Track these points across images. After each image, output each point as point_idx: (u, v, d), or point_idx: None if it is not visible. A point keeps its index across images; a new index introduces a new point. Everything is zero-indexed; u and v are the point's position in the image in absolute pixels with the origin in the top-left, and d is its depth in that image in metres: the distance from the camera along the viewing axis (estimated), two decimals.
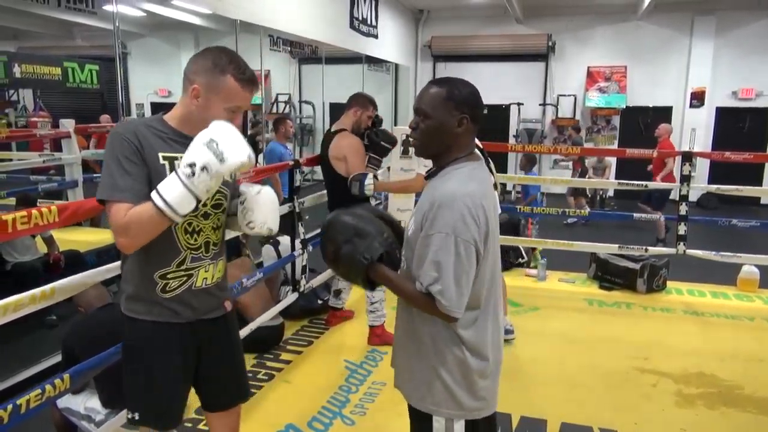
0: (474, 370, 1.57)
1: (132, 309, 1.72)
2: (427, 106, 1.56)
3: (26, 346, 3.59)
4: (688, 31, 10.16)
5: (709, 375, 3.56)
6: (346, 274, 1.65)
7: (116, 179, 1.54)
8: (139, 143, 1.59)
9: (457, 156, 1.58)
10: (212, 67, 1.60)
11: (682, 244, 4.95)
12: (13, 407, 1.68)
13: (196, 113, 1.63)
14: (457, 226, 1.45)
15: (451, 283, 1.45)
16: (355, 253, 1.55)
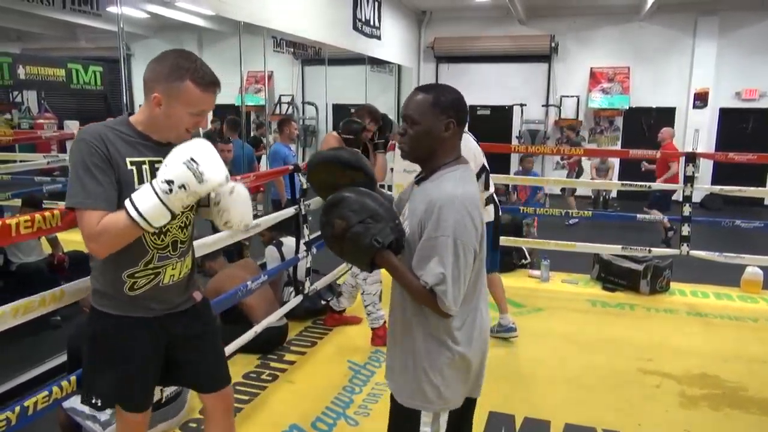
0: (462, 365, 1.63)
1: (101, 303, 1.75)
2: (415, 112, 1.60)
3: (30, 346, 3.61)
4: (691, 32, 10.15)
5: (712, 376, 3.56)
6: (350, 254, 1.63)
7: (86, 186, 1.55)
8: (107, 148, 1.59)
9: (447, 160, 1.63)
10: (169, 73, 1.59)
11: (686, 245, 4.95)
12: (20, 409, 1.69)
13: (160, 120, 1.64)
14: (458, 228, 1.51)
15: (452, 283, 1.51)
16: (367, 235, 1.54)
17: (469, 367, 1.65)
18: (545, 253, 5.61)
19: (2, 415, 1.65)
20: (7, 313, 1.68)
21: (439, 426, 1.65)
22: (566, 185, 8.65)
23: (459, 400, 1.68)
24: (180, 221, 1.76)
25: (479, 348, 1.68)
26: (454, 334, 1.61)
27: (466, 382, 1.67)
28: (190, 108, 1.62)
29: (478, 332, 1.67)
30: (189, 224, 1.82)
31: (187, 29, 9.48)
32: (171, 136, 1.67)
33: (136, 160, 1.64)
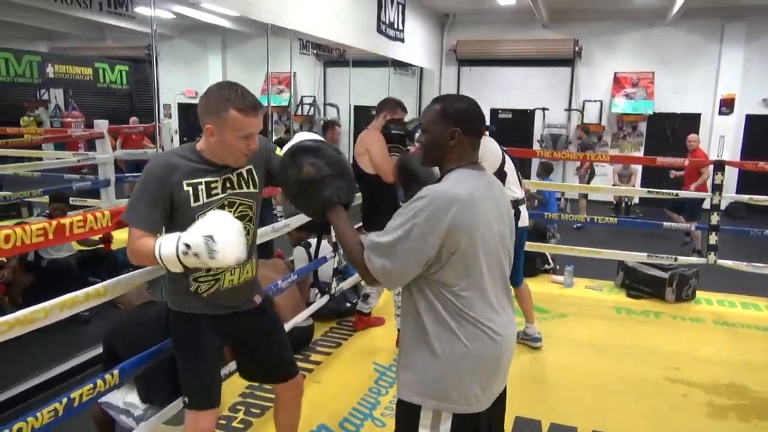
0: (465, 366, 1.60)
1: (174, 302, 2.01)
2: (426, 122, 1.70)
3: (60, 341, 3.68)
4: (717, 38, 10.03)
5: (740, 386, 3.52)
6: (305, 199, 1.78)
7: (137, 208, 1.81)
8: (166, 176, 1.82)
9: (454, 165, 1.67)
10: (216, 106, 1.79)
11: (713, 254, 4.90)
12: (67, 400, 1.74)
13: (216, 147, 1.84)
14: (422, 214, 1.53)
15: (385, 253, 1.56)
16: (331, 188, 1.70)
17: (477, 369, 1.61)
18: (569, 259, 5.58)
19: (50, 406, 1.70)
20: (55, 308, 1.73)
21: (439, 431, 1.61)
22: (590, 191, 8.58)
23: (463, 403, 1.62)
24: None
25: (492, 352, 1.63)
26: (460, 335, 1.58)
27: (468, 383, 1.61)
28: (238, 133, 1.79)
29: (491, 336, 1.62)
30: (248, 234, 1.96)
31: (211, 30, 9.60)
32: (229, 160, 1.88)
33: (192, 182, 1.85)
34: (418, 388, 1.63)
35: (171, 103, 10.18)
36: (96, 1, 3.89)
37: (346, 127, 10.79)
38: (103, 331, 2.65)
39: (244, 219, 1.93)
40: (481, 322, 1.61)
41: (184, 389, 2.01)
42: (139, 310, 2.67)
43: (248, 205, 1.98)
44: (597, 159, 7.24)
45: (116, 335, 2.58)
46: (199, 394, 2.00)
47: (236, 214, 1.92)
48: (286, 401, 2.29)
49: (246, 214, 1.98)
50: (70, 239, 1.75)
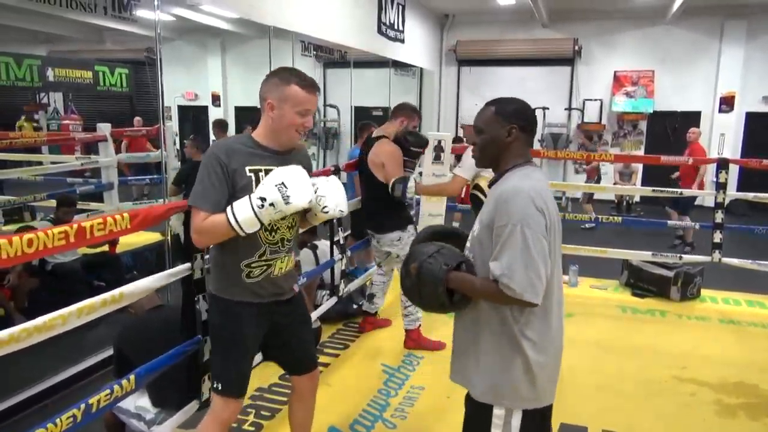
0: (535, 363, 1.65)
1: (219, 289, 2.07)
2: (481, 123, 1.76)
3: (66, 345, 3.65)
4: (717, 36, 10.04)
5: (749, 385, 3.53)
6: (428, 291, 1.70)
7: (202, 191, 1.89)
8: (228, 159, 1.90)
9: (515, 163, 1.72)
10: (279, 82, 1.92)
11: (718, 252, 4.91)
12: (85, 406, 1.74)
13: (274, 125, 1.94)
14: (523, 216, 1.56)
15: (520, 269, 1.54)
16: (436, 263, 1.68)
17: (544, 366, 1.68)
18: (573, 258, 5.58)
19: (69, 412, 1.70)
20: (73, 314, 1.73)
21: (511, 428, 1.68)
22: (595, 190, 8.57)
23: (533, 399, 1.69)
24: (288, 222, 2.06)
25: (556, 349, 1.72)
26: (528, 334, 1.64)
27: (538, 381, 1.68)
28: (297, 107, 1.91)
29: (555, 332, 1.70)
30: (295, 225, 2.12)
31: (210, 32, 9.60)
32: (284, 138, 1.97)
33: (254, 168, 1.94)
34: (491, 388, 1.69)
35: (171, 105, 10.18)
36: (100, 5, 3.89)
37: (347, 127, 10.82)
38: (111, 335, 2.65)
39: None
40: (553, 319, 1.69)
41: (217, 375, 2.08)
42: (149, 314, 2.67)
43: None
44: (601, 158, 7.23)
45: (127, 339, 2.58)
46: (233, 381, 2.06)
47: None
48: (304, 393, 2.35)
49: None
50: (91, 242, 1.75)
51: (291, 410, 2.42)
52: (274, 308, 2.13)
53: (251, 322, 2.07)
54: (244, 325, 2.06)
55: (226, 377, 2.07)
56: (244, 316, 2.05)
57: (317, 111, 11.27)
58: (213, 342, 2.12)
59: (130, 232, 1.86)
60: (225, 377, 2.07)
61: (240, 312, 2.04)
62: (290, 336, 2.23)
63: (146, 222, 1.98)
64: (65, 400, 3.23)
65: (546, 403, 1.74)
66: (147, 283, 2.08)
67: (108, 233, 1.78)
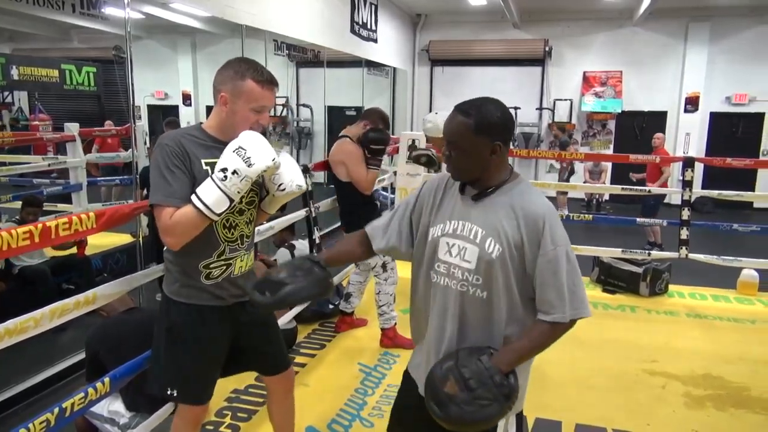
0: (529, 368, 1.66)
1: (177, 293, 1.93)
2: (458, 137, 1.51)
3: (36, 349, 3.58)
4: (682, 38, 10.30)
5: (716, 377, 3.63)
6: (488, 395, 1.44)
7: (163, 186, 1.74)
8: (184, 151, 1.78)
9: (504, 177, 1.57)
10: (233, 75, 1.80)
11: (684, 249, 5.03)
12: (59, 410, 1.70)
13: (227, 118, 1.83)
14: (566, 236, 1.53)
15: (572, 292, 1.50)
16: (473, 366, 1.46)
17: (528, 366, 1.67)
18: None
19: (42, 417, 1.66)
20: (45, 316, 1.69)
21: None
22: (566, 189, 8.70)
23: (522, 399, 1.66)
24: (246, 217, 1.96)
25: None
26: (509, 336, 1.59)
27: (526, 383, 1.68)
28: (252, 103, 1.80)
29: None
30: (253, 220, 2.03)
31: (181, 31, 9.45)
32: (237, 133, 1.79)
33: (210, 161, 1.80)
34: None
35: (140, 105, 10.00)
36: (68, 2, 3.81)
37: (320, 127, 10.78)
38: (81, 339, 2.59)
39: (251, 205, 1.98)
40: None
41: (171, 381, 1.96)
42: (123, 316, 2.62)
43: (255, 191, 1.99)
44: (571, 157, 7.35)
45: (100, 342, 2.53)
46: (193, 388, 1.98)
47: (246, 199, 1.93)
48: (279, 394, 2.30)
49: (253, 200, 1.99)
50: (56, 242, 1.70)
51: (271, 413, 2.37)
52: (238, 311, 2.02)
53: (215, 327, 1.97)
54: (207, 328, 1.95)
55: (184, 384, 1.96)
56: (207, 320, 1.95)
57: (290, 111, 11.25)
58: (168, 347, 1.96)
59: (96, 232, 1.81)
60: (181, 384, 1.96)
61: (203, 316, 1.94)
62: (257, 338, 2.14)
63: (112, 221, 1.93)
64: (37, 405, 3.16)
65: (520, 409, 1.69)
66: (120, 285, 2.05)
67: (74, 233, 1.73)
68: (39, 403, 3.18)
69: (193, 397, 2.00)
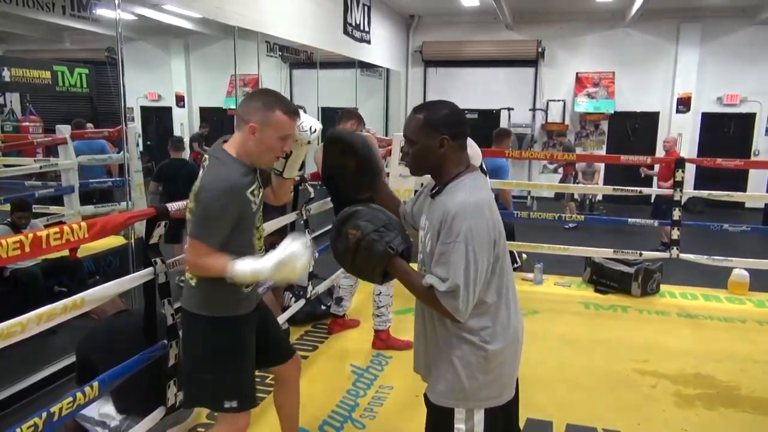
0: (493, 363, 1.67)
1: (216, 309, 2.00)
2: (411, 133, 1.69)
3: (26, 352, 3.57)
4: (674, 39, 10.36)
5: (706, 376, 3.65)
6: (363, 264, 1.70)
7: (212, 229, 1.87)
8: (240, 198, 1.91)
9: (455, 171, 1.68)
10: (262, 106, 1.91)
11: (676, 249, 5.06)
12: (47, 415, 1.70)
13: (254, 147, 1.92)
14: (469, 234, 1.55)
15: (463, 288, 1.55)
16: (381, 242, 1.65)
17: (502, 364, 1.69)
18: (538, 256, 5.69)
19: (30, 421, 1.66)
20: (32, 321, 1.69)
21: (473, 424, 1.68)
22: (559, 190, 8.74)
23: (494, 398, 1.70)
24: (259, 233, 2.10)
25: (511, 346, 1.72)
26: (482, 334, 1.65)
27: (498, 380, 1.69)
28: (280, 132, 1.92)
29: (510, 330, 1.70)
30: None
31: (173, 32, 9.43)
32: (264, 161, 1.98)
33: (251, 190, 1.96)
34: (450, 392, 1.68)
35: (133, 107, 9.97)
36: (59, 4, 3.80)
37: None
38: (72, 342, 2.59)
39: (261, 218, 2.12)
40: (510, 318, 1.70)
41: (231, 393, 2.02)
42: (114, 319, 2.62)
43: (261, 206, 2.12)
44: (564, 158, 7.37)
45: (92, 345, 2.53)
46: (249, 395, 2.08)
47: (259, 212, 2.07)
48: (289, 380, 2.39)
49: (260, 214, 2.11)
50: (47, 252, 1.70)
51: (278, 402, 2.44)
52: (253, 314, 2.16)
53: (252, 334, 2.11)
54: (248, 338, 2.08)
55: (242, 393, 2.06)
56: (247, 330, 2.08)
57: None
58: (218, 362, 2.01)
59: (88, 242, 1.82)
60: (241, 393, 2.05)
61: (243, 326, 2.06)
62: (266, 333, 2.26)
63: (104, 231, 1.93)
64: (26, 409, 3.15)
65: (506, 400, 1.73)
66: (110, 288, 2.04)
67: (65, 242, 1.73)
68: (30, 406, 3.17)
69: (251, 403, 2.10)
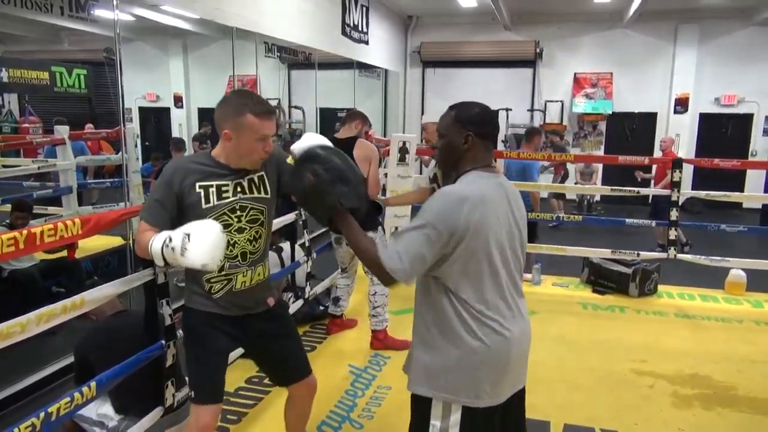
0: (475, 361, 1.65)
1: (192, 301, 2.08)
2: (442, 127, 1.78)
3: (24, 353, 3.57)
4: (672, 39, 10.38)
5: (703, 376, 3.66)
6: (311, 206, 1.80)
7: (150, 206, 1.94)
8: (180, 179, 1.94)
9: (469, 168, 1.73)
10: (232, 112, 1.92)
11: (673, 249, 5.07)
12: (45, 415, 1.70)
13: (233, 151, 1.96)
14: (437, 215, 1.60)
15: (402, 250, 1.59)
16: (332, 194, 1.70)
17: (482, 364, 1.65)
18: (536, 256, 5.69)
19: (28, 421, 1.66)
20: (32, 321, 1.69)
21: (449, 424, 1.66)
22: (559, 191, 8.75)
23: (472, 398, 1.65)
24: (247, 235, 2.04)
25: (496, 351, 1.66)
26: (463, 329, 1.64)
27: (475, 379, 1.65)
28: (255, 135, 1.92)
29: (496, 336, 1.66)
30: (260, 238, 2.09)
31: (171, 33, 9.43)
32: (246, 162, 1.98)
33: (204, 185, 1.96)
34: (428, 381, 1.69)
35: (132, 107, 9.96)
36: (57, 5, 3.80)
37: (312, 128, 10.77)
38: (70, 343, 2.59)
39: (255, 223, 2.05)
40: (491, 318, 1.66)
41: (190, 383, 2.12)
42: (112, 320, 2.62)
43: (259, 209, 2.07)
44: (562, 159, 7.38)
45: (90, 346, 2.53)
46: (202, 389, 2.08)
47: (247, 217, 2.03)
48: (298, 401, 2.38)
49: (257, 218, 2.07)
50: (41, 248, 1.70)
51: (286, 415, 2.45)
52: (249, 322, 2.14)
53: (219, 334, 2.08)
54: (210, 336, 2.07)
55: (199, 385, 2.08)
56: (213, 328, 2.07)
57: (282, 113, 11.24)
58: (186, 352, 2.13)
59: (82, 238, 1.83)
60: (197, 385, 2.09)
61: (209, 323, 2.06)
62: (277, 350, 2.23)
63: (98, 227, 1.94)
64: (24, 409, 3.15)
65: (488, 404, 1.68)
66: (109, 289, 2.05)
67: (59, 239, 1.75)
68: (28, 407, 3.16)
69: (207, 399, 2.09)
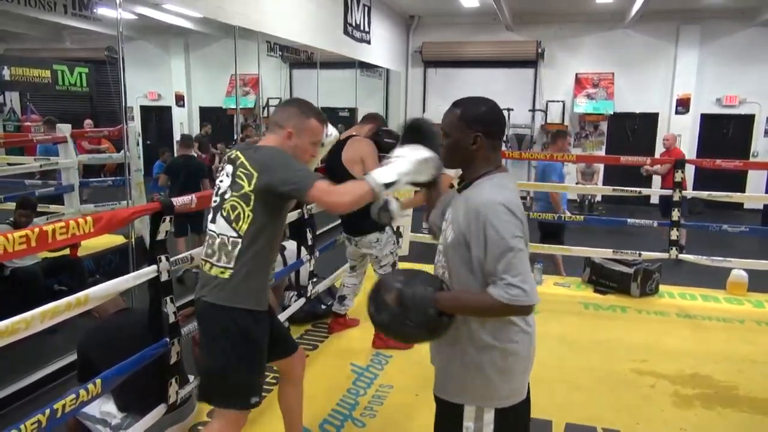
0: (505, 362, 1.66)
1: (248, 302, 2.02)
2: (446, 126, 1.70)
3: (27, 350, 3.58)
4: (673, 40, 10.39)
5: (704, 376, 3.67)
6: (414, 315, 1.59)
7: (308, 170, 2.00)
8: None
9: (485, 169, 1.67)
10: (299, 113, 2.10)
11: (675, 249, 5.08)
12: (50, 412, 1.71)
13: (289, 149, 2.04)
14: (510, 231, 1.53)
15: (528, 279, 1.53)
16: (418, 288, 1.60)
17: (515, 364, 1.68)
18: (537, 256, 5.69)
19: (34, 418, 1.67)
20: (37, 317, 1.70)
21: (483, 424, 1.66)
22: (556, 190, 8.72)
23: (505, 398, 1.68)
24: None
25: (528, 349, 1.70)
26: (501, 334, 1.64)
27: (510, 381, 1.68)
28: (313, 138, 2.11)
29: (529, 333, 1.69)
30: None
31: (173, 31, 9.45)
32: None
33: None
34: (460, 388, 1.68)
35: (133, 106, 9.98)
36: (60, 3, 3.81)
37: None
38: (72, 341, 2.59)
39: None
40: (528, 321, 1.68)
41: (258, 388, 2.11)
42: (115, 318, 2.63)
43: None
44: (563, 159, 7.36)
45: (93, 344, 2.54)
46: (250, 393, 2.08)
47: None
48: (294, 375, 2.45)
49: None
50: (53, 246, 1.71)
51: (282, 397, 2.49)
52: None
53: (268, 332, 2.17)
54: (264, 336, 2.13)
55: (248, 391, 2.08)
56: (264, 327, 2.14)
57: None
58: (250, 357, 2.04)
59: (94, 236, 1.83)
60: (245, 392, 2.08)
61: (262, 322, 2.11)
62: (277, 325, 2.37)
63: (110, 226, 1.94)
64: (28, 406, 3.16)
65: (515, 401, 1.71)
66: (113, 286, 2.05)
67: (71, 237, 1.75)
68: (31, 405, 3.17)
69: (250, 403, 2.10)
